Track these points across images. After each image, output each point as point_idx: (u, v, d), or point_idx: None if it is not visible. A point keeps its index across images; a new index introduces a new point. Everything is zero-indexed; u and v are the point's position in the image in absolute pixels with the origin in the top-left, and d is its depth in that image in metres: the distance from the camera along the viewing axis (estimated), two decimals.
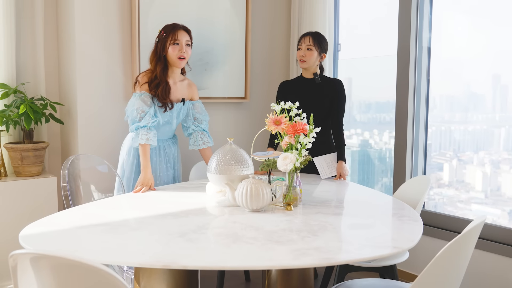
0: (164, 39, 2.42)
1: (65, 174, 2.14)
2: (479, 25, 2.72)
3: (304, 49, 2.63)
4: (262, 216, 1.78)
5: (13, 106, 2.62)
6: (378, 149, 3.35)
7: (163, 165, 2.52)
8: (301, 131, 1.87)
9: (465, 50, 2.79)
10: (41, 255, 1.16)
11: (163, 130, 2.51)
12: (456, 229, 2.64)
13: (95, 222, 1.67)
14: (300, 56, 2.65)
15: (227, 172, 1.90)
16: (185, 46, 2.42)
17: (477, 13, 2.72)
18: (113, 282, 1.11)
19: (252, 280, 2.92)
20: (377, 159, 3.36)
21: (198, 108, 2.62)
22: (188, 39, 2.45)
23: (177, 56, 2.40)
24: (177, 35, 2.40)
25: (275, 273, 1.68)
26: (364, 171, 3.43)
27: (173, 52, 2.40)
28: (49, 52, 2.93)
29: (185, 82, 2.57)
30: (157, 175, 2.50)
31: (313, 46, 2.62)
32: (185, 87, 2.56)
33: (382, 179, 3.33)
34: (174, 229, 1.59)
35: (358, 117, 3.44)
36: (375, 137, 3.38)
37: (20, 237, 1.48)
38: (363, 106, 3.44)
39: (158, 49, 2.43)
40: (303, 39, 2.65)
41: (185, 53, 2.42)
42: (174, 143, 2.62)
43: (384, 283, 1.79)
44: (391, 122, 3.21)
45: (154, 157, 2.49)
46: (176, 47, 2.40)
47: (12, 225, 2.54)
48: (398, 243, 1.48)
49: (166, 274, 1.65)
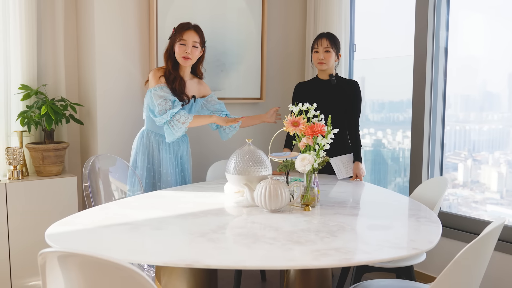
0: (173, 37, 2.47)
1: (87, 174, 2.18)
2: (495, 23, 2.70)
3: (322, 52, 2.65)
4: (281, 216, 1.80)
5: (35, 107, 2.68)
6: (392, 149, 3.34)
7: (173, 162, 2.55)
8: (319, 132, 1.89)
9: (481, 49, 2.77)
10: (69, 253, 1.20)
11: None
12: (473, 230, 2.63)
13: (117, 221, 1.70)
14: (319, 59, 2.66)
15: (245, 172, 1.93)
16: (192, 47, 2.44)
17: (493, 12, 2.70)
18: (140, 281, 1.14)
19: (268, 279, 2.94)
20: (390, 159, 3.35)
21: (212, 101, 2.67)
22: (196, 40, 2.45)
23: (181, 55, 2.43)
24: (184, 35, 2.43)
25: (294, 273, 1.70)
26: (377, 171, 3.42)
27: (178, 51, 2.44)
28: (69, 54, 2.99)
29: (195, 80, 2.62)
30: (164, 171, 2.52)
31: (331, 48, 2.64)
32: (195, 85, 2.61)
33: (395, 179, 3.32)
34: (195, 229, 1.61)
35: (371, 116, 3.44)
36: (388, 137, 3.37)
37: (46, 235, 1.52)
38: (376, 106, 3.43)
39: (169, 46, 2.49)
40: (319, 41, 2.66)
41: (190, 54, 2.44)
42: (183, 142, 2.63)
43: (402, 284, 1.80)
44: (404, 121, 3.21)
45: (165, 154, 2.52)
46: (182, 47, 2.43)
47: (35, 223, 2.60)
48: (417, 244, 1.49)
49: (186, 273, 1.68)
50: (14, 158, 2.58)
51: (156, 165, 2.53)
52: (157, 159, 2.53)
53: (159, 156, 2.53)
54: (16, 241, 2.56)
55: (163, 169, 2.52)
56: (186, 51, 2.42)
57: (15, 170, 2.60)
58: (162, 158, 2.52)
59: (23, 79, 2.72)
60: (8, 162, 2.58)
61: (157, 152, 2.53)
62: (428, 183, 2.35)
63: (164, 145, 2.53)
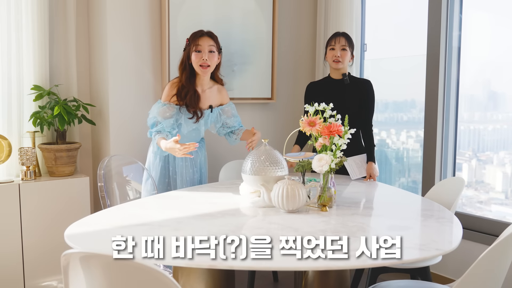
0: (188, 47, 2.41)
1: (101, 175, 2.18)
2: (503, 23, 2.68)
3: (339, 49, 2.63)
4: (298, 217, 1.79)
5: (47, 107, 2.68)
6: (396, 149, 3.33)
7: (189, 169, 2.52)
8: (336, 132, 1.88)
9: (487, 49, 2.75)
10: (93, 254, 1.20)
11: (190, 136, 2.50)
12: (488, 231, 2.61)
13: (135, 222, 1.70)
14: (335, 57, 2.64)
15: (262, 173, 1.92)
16: (208, 53, 2.36)
17: (500, 11, 2.68)
18: (164, 281, 1.13)
19: (280, 280, 2.93)
20: (394, 159, 3.33)
21: (228, 112, 2.58)
22: (212, 44, 2.39)
23: (199, 63, 2.36)
24: (199, 41, 2.37)
25: (312, 274, 1.69)
26: (381, 171, 3.40)
27: (195, 59, 2.37)
28: (80, 54, 2.98)
29: (214, 88, 2.54)
30: (183, 179, 2.50)
31: (347, 47, 2.63)
32: (215, 93, 2.53)
33: (399, 179, 3.30)
34: (214, 230, 1.61)
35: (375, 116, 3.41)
36: (392, 137, 3.35)
37: (65, 236, 1.52)
38: (380, 106, 3.41)
39: (184, 58, 2.43)
40: (336, 39, 2.64)
41: (208, 60, 2.37)
42: (201, 148, 2.60)
43: (421, 285, 1.79)
44: (409, 121, 3.19)
45: (181, 162, 2.49)
46: (198, 55, 2.36)
47: (48, 223, 2.60)
48: (439, 245, 1.48)
49: (204, 274, 1.68)
50: (27, 159, 2.58)
51: (172, 173, 2.51)
52: (172, 166, 2.50)
53: (174, 164, 2.49)
54: (29, 241, 2.56)
55: (178, 177, 2.49)
56: (203, 58, 2.35)
57: (28, 170, 2.60)
58: (178, 166, 2.48)
59: (36, 79, 2.72)
60: (21, 162, 2.59)
61: (173, 159, 2.49)
62: (444, 184, 2.34)
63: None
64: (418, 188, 3.13)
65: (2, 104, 2.66)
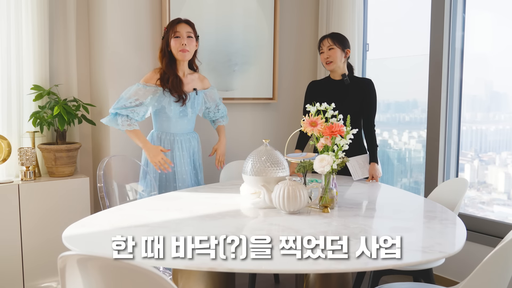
0: (166, 34, 2.47)
1: (101, 175, 2.16)
2: (506, 23, 2.66)
3: (326, 51, 2.61)
4: (299, 218, 1.76)
5: (47, 107, 2.67)
6: (397, 149, 3.30)
7: (186, 159, 2.54)
8: (338, 133, 1.85)
9: (489, 49, 2.73)
10: (90, 256, 1.18)
11: (180, 123, 2.53)
12: (490, 232, 2.58)
13: (135, 223, 1.68)
14: (325, 59, 2.62)
15: (263, 173, 1.90)
16: (187, 38, 2.44)
17: (504, 12, 2.66)
18: (162, 284, 1.11)
19: (281, 282, 2.90)
20: (396, 159, 3.31)
21: (209, 96, 2.65)
22: (189, 31, 2.46)
23: (179, 49, 2.43)
24: (177, 28, 2.44)
25: (314, 276, 1.67)
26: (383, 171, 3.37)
27: (174, 45, 2.44)
28: (80, 54, 2.97)
29: (195, 75, 2.61)
30: (178, 169, 2.50)
31: (334, 45, 2.60)
32: (196, 79, 2.60)
33: (401, 179, 3.28)
34: (214, 231, 1.59)
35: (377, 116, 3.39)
36: (394, 137, 3.33)
37: (63, 237, 1.50)
38: (382, 106, 3.38)
39: (163, 45, 2.49)
40: (323, 42, 2.64)
41: (187, 46, 2.44)
42: (194, 138, 2.63)
43: (423, 287, 1.76)
44: (411, 122, 3.17)
45: (178, 152, 2.51)
46: (177, 40, 2.43)
47: (47, 224, 2.58)
48: (443, 248, 1.46)
49: (204, 276, 1.66)
50: (27, 159, 2.56)
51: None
52: (170, 158, 2.50)
53: (172, 155, 2.50)
54: (28, 241, 2.55)
55: (178, 168, 2.50)
56: (182, 43, 2.43)
57: (27, 170, 2.59)
58: (176, 157, 2.50)
59: (35, 79, 2.70)
60: (21, 163, 2.57)
61: (170, 151, 2.50)
62: (447, 185, 2.31)
63: (177, 143, 2.51)
64: (420, 189, 3.11)
65: (2, 104, 2.64)
